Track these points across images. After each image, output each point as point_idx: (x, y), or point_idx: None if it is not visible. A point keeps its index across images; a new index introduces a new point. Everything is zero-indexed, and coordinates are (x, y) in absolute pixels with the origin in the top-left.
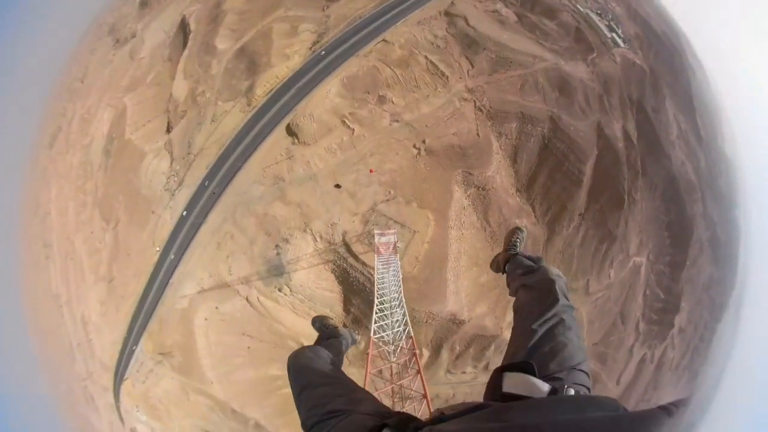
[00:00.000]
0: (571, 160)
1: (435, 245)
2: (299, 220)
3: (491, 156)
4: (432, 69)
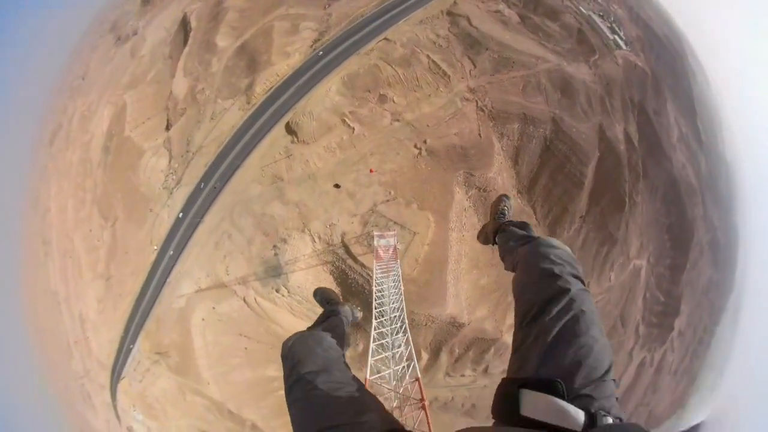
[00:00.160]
0: (573, 162)
1: (435, 247)
2: (297, 220)
3: (493, 157)
4: (434, 68)
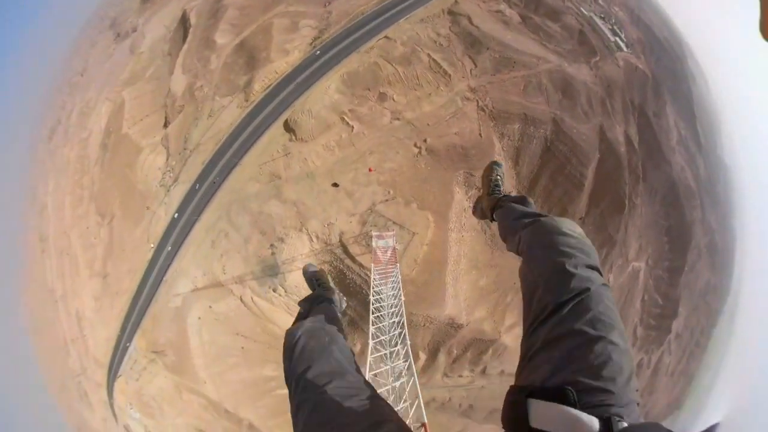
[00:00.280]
0: (573, 163)
1: (434, 248)
2: (295, 219)
3: (493, 157)
4: (434, 67)
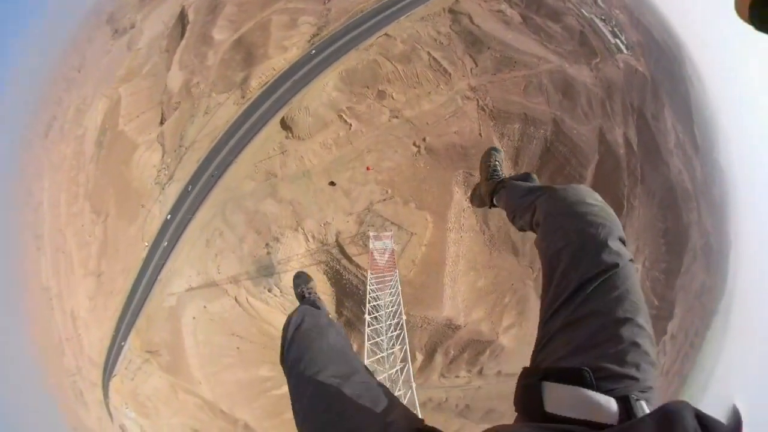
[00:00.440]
0: (573, 164)
1: (433, 248)
2: (291, 218)
3: None
4: (434, 65)
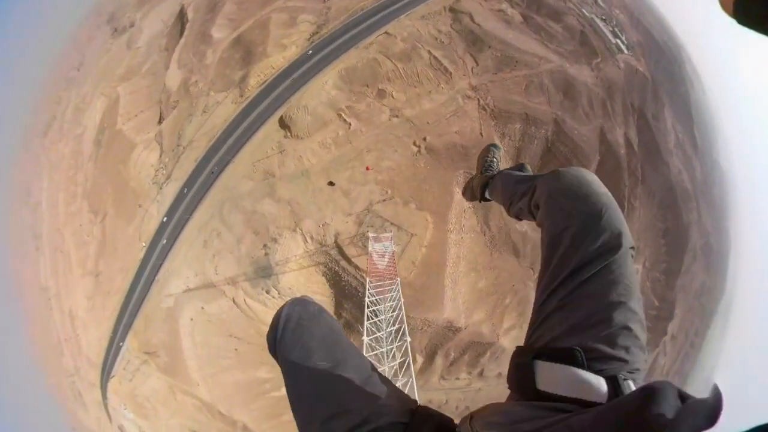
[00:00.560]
0: (574, 164)
1: (433, 249)
2: (289, 218)
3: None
4: (435, 64)
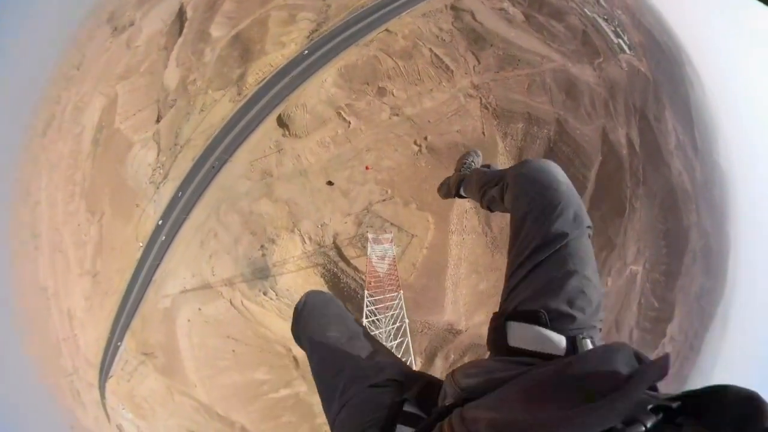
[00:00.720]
0: (577, 165)
1: (434, 251)
2: (287, 219)
3: (496, 157)
4: (436, 62)
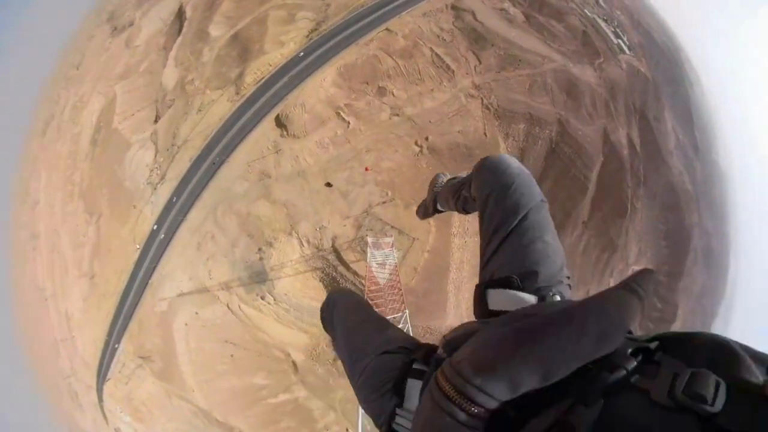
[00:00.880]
0: (578, 166)
1: (436, 254)
2: (285, 221)
3: None
4: (437, 62)
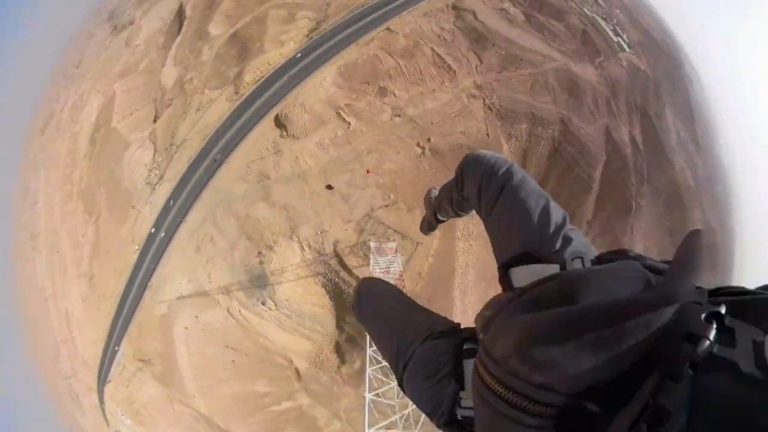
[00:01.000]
0: (581, 165)
1: (441, 259)
2: (285, 224)
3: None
4: (438, 62)
